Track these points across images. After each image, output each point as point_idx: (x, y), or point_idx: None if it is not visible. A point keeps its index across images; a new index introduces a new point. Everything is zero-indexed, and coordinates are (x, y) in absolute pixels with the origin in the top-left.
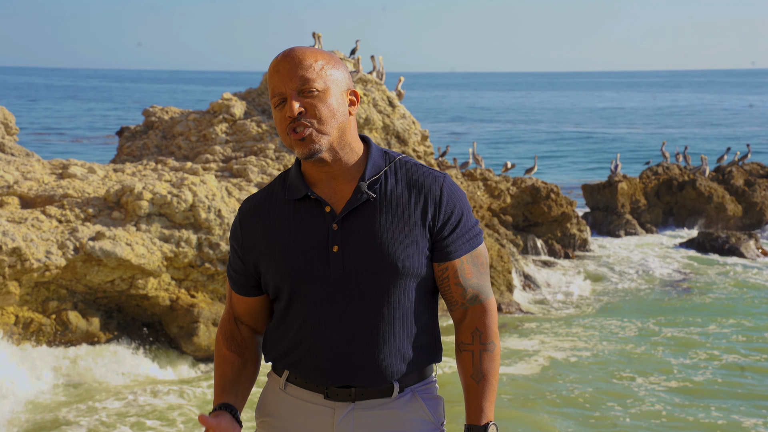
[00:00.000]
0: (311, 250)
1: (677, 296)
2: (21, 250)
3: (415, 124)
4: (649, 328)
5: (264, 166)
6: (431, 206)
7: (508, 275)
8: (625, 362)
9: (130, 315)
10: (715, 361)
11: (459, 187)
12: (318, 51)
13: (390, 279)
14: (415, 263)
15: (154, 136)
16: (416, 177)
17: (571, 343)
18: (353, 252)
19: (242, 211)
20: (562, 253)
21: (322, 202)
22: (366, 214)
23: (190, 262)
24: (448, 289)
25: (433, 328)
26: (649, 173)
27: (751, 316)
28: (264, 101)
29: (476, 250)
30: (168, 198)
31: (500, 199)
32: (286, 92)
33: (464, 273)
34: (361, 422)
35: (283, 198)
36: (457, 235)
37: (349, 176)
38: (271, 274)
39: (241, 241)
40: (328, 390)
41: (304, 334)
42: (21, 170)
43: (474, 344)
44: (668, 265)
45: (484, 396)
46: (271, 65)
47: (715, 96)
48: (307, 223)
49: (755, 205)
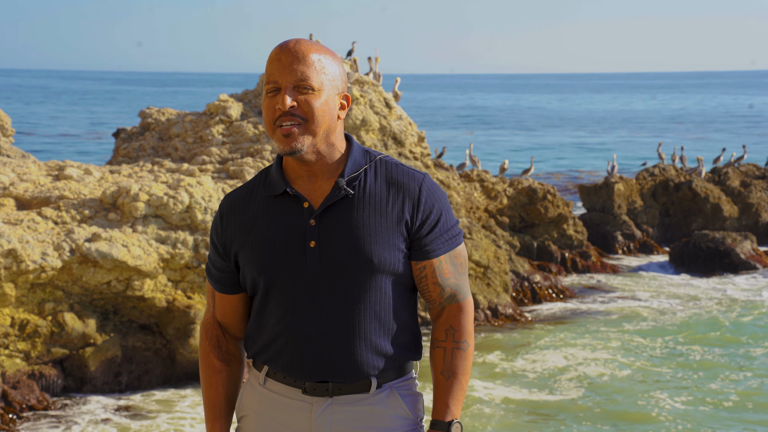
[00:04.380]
0: (289, 245)
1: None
2: (17, 251)
3: (412, 126)
4: (641, 341)
5: (261, 167)
6: (409, 205)
7: (504, 276)
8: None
9: (127, 317)
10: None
11: (439, 187)
12: (322, 48)
13: (366, 274)
14: (391, 260)
15: (150, 137)
16: (396, 176)
17: (568, 344)
18: (330, 247)
19: (222, 206)
20: (559, 255)
21: (300, 198)
22: (344, 211)
23: (187, 263)
24: (426, 288)
25: (413, 325)
26: (645, 174)
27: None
28: (260, 102)
29: (455, 251)
30: (164, 199)
31: (497, 200)
32: (281, 83)
33: (442, 273)
34: (339, 417)
35: (263, 194)
36: (436, 234)
37: (328, 174)
38: (249, 268)
39: (222, 236)
40: (306, 385)
41: (281, 328)
42: (17, 172)
43: (447, 341)
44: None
45: (451, 393)
46: (273, 51)
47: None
48: (286, 218)
49: (751, 206)
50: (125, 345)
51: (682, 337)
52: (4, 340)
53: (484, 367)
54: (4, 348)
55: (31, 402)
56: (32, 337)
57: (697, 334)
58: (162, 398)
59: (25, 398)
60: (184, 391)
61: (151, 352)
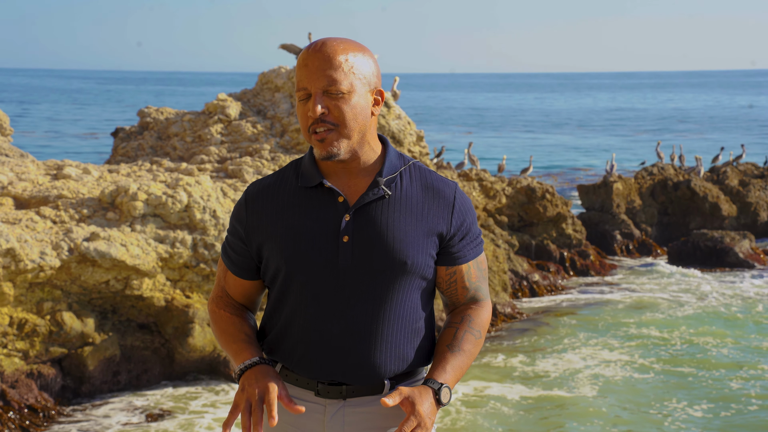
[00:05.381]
0: (320, 237)
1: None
2: (15, 250)
3: (411, 125)
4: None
5: (259, 166)
6: (446, 212)
7: (503, 275)
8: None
9: (125, 316)
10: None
11: (467, 196)
12: (350, 46)
13: (396, 276)
14: (422, 264)
15: (149, 136)
16: (431, 181)
17: (566, 345)
18: (363, 244)
19: (249, 193)
20: (558, 254)
21: (335, 191)
22: (379, 210)
23: (185, 262)
24: (454, 292)
25: (430, 330)
26: (644, 173)
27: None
28: (259, 102)
29: (480, 256)
30: (163, 199)
31: (495, 199)
32: (311, 90)
33: (470, 277)
34: (352, 419)
35: (295, 184)
36: (467, 241)
37: (365, 172)
38: (274, 257)
39: (246, 222)
40: (318, 387)
41: (301, 323)
42: (15, 171)
43: (461, 324)
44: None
45: (451, 362)
46: (301, 55)
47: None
48: (319, 210)
49: (750, 205)
50: (124, 344)
51: (689, 333)
52: (2, 339)
53: (483, 366)
54: (3, 347)
55: (30, 401)
56: (30, 336)
57: (706, 330)
58: (162, 398)
59: (23, 397)
60: (183, 390)
61: (149, 351)
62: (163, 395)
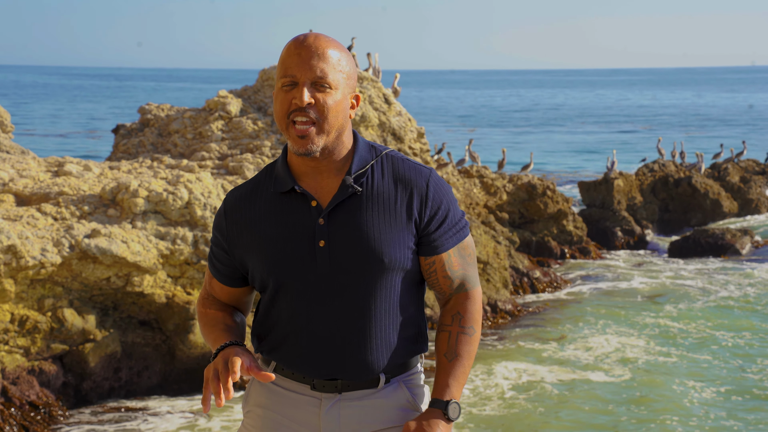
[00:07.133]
0: (297, 244)
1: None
2: (16, 247)
3: (411, 122)
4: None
5: (260, 163)
6: (417, 201)
7: (504, 272)
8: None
9: (126, 312)
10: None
11: (445, 182)
12: (340, 45)
13: (376, 274)
14: (401, 258)
15: (149, 133)
16: (402, 171)
17: (565, 344)
18: (340, 247)
19: (227, 202)
20: (559, 250)
21: (308, 196)
22: (352, 209)
23: (186, 259)
24: (436, 281)
25: (419, 318)
26: (645, 170)
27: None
28: (260, 99)
29: (463, 242)
30: (164, 195)
31: (496, 196)
32: (299, 79)
33: (451, 266)
34: (348, 412)
35: (269, 190)
36: (444, 229)
37: (335, 170)
38: (257, 268)
39: (226, 233)
40: (315, 382)
41: (291, 328)
42: (16, 168)
43: (452, 326)
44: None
45: (452, 374)
46: (291, 45)
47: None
48: (293, 216)
49: (751, 201)
50: (125, 341)
51: (695, 323)
52: (3, 336)
53: (482, 365)
54: (4, 344)
55: (31, 398)
56: (32, 333)
57: (715, 321)
58: (162, 398)
59: (24, 394)
60: (183, 387)
61: (150, 348)
62: (162, 393)
